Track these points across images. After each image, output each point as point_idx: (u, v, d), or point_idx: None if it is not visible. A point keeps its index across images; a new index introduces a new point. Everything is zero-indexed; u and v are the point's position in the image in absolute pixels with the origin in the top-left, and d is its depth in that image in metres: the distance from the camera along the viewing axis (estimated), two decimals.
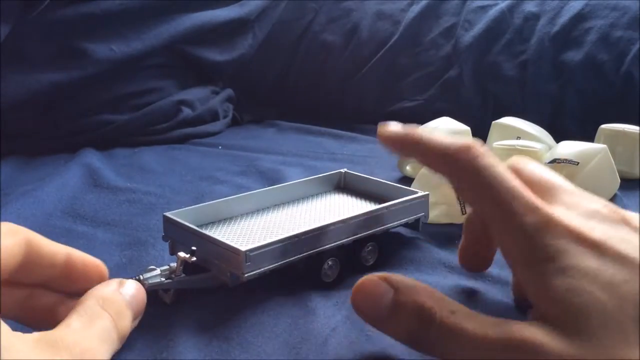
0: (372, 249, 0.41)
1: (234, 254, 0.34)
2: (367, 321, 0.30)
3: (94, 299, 0.28)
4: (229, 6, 0.90)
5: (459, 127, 0.65)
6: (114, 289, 0.30)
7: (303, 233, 0.37)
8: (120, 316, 0.28)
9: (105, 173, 0.64)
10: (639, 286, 0.26)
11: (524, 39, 0.86)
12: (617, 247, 0.27)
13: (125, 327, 0.29)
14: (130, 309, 0.29)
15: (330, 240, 0.38)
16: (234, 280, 0.35)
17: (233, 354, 0.31)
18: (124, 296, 0.30)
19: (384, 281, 0.29)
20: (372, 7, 0.99)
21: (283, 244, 0.36)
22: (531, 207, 0.29)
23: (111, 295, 0.29)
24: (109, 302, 0.28)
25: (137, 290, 0.31)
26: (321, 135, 0.85)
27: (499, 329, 0.26)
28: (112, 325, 0.27)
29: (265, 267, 0.35)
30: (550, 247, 0.28)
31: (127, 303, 0.29)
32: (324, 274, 0.38)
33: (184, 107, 0.83)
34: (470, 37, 0.89)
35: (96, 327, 0.27)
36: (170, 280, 0.34)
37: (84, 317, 0.27)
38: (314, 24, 1.01)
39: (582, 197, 0.31)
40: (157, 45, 0.79)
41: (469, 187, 0.31)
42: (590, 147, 0.54)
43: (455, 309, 0.28)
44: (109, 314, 0.28)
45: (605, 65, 0.79)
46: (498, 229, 0.30)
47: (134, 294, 0.30)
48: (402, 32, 0.94)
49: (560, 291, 0.26)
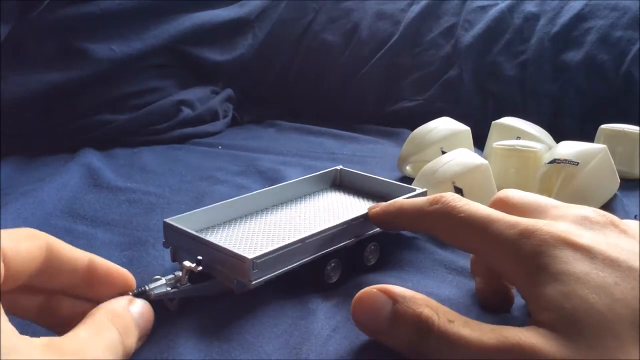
0: (374, 249, 0.41)
1: (240, 261, 0.34)
2: (367, 333, 0.31)
3: (103, 312, 0.29)
4: (229, 6, 0.90)
5: (458, 127, 0.65)
6: (124, 305, 0.30)
7: (308, 237, 0.37)
8: (127, 333, 0.29)
9: (105, 173, 0.64)
10: (629, 288, 0.26)
11: (524, 39, 0.86)
12: (606, 251, 0.28)
13: (131, 344, 0.29)
14: (137, 328, 0.30)
15: (334, 243, 0.38)
16: (240, 288, 0.35)
17: (234, 354, 0.31)
18: (133, 314, 0.30)
19: (383, 293, 0.30)
20: (372, 7, 0.99)
21: (289, 249, 0.36)
22: (510, 224, 0.30)
23: (120, 311, 0.29)
24: (118, 318, 0.29)
25: (145, 309, 0.31)
26: (321, 135, 0.85)
27: (495, 335, 0.27)
28: (119, 340, 0.28)
29: (272, 274, 0.35)
30: (539, 255, 0.28)
31: (134, 321, 0.30)
32: (326, 275, 0.38)
33: (184, 107, 0.83)
34: (470, 37, 0.89)
35: (103, 339, 0.27)
36: (176, 289, 0.34)
37: (93, 328, 0.27)
38: (314, 24, 1.01)
39: (570, 207, 0.32)
40: (157, 45, 0.79)
41: (450, 230, 0.33)
42: (590, 147, 0.54)
43: (452, 317, 0.28)
44: (117, 329, 0.28)
45: (605, 65, 0.79)
46: (488, 255, 0.31)
47: (142, 313, 0.31)
48: (402, 32, 0.94)
49: (552, 297, 0.27)
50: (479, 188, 0.51)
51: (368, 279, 0.39)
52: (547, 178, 0.53)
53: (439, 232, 0.34)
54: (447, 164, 0.52)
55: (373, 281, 0.38)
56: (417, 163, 0.62)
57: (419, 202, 0.35)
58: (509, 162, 0.59)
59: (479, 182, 0.51)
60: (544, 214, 0.32)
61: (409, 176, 0.63)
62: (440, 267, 0.42)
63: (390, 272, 0.41)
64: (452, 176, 0.50)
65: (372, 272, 0.41)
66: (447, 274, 0.41)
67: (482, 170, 0.51)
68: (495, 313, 0.36)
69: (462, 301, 0.37)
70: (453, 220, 0.32)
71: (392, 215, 0.37)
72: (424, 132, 0.65)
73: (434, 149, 0.62)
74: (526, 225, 0.30)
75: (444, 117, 0.67)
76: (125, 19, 0.77)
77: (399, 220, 0.37)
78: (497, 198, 0.36)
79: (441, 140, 0.63)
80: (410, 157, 0.64)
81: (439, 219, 0.33)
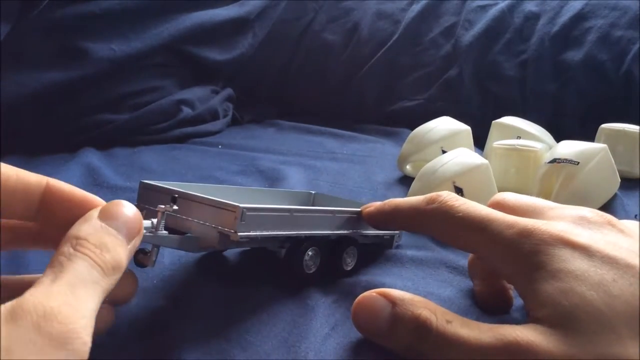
0: (353, 253, 0.40)
1: (228, 211, 0.32)
2: (368, 337, 0.31)
3: (67, 243, 0.25)
4: (229, 5, 0.89)
5: (459, 126, 0.65)
6: (91, 222, 0.26)
7: (296, 209, 0.36)
8: (104, 248, 0.25)
9: (105, 172, 0.64)
10: (627, 285, 0.26)
11: (524, 39, 0.86)
12: (604, 249, 0.28)
13: (114, 258, 0.25)
14: (115, 236, 0.26)
15: (318, 227, 0.38)
16: (222, 242, 0.33)
17: (232, 353, 0.31)
18: (106, 224, 0.26)
19: (382, 296, 0.30)
20: (372, 6, 0.99)
21: (277, 214, 0.35)
22: (508, 223, 0.30)
23: (87, 230, 0.25)
24: (85, 240, 0.25)
25: (121, 210, 0.27)
26: (321, 134, 0.85)
27: (492, 333, 0.27)
28: (91, 265, 0.24)
29: (258, 232, 0.33)
30: (537, 253, 0.29)
31: (110, 231, 0.26)
32: (305, 264, 0.37)
33: (184, 107, 0.83)
34: (470, 37, 0.89)
35: (67, 276, 0.23)
36: (151, 235, 0.31)
37: (56, 268, 0.23)
38: (314, 23, 1.01)
39: (567, 208, 0.32)
40: (157, 44, 0.79)
41: (447, 229, 0.33)
42: (591, 147, 0.54)
43: (451, 318, 0.28)
44: (85, 254, 0.24)
45: (605, 64, 0.79)
46: (486, 255, 0.31)
47: (119, 216, 0.27)
48: (402, 31, 0.94)
49: (550, 294, 0.27)
50: (479, 188, 0.51)
51: (368, 278, 0.39)
52: (548, 178, 0.53)
53: (436, 232, 0.34)
54: (447, 163, 0.52)
55: (373, 280, 0.39)
56: (417, 162, 0.62)
57: (415, 201, 0.34)
58: (509, 162, 0.59)
59: (479, 182, 0.51)
60: (542, 215, 0.32)
61: (409, 176, 0.63)
62: (442, 267, 0.42)
63: (390, 271, 0.41)
64: (452, 176, 0.50)
65: (372, 271, 0.41)
66: (448, 273, 0.41)
67: (482, 170, 0.51)
68: (495, 314, 0.36)
69: (462, 302, 0.37)
70: (451, 219, 0.32)
71: (387, 215, 0.37)
72: (424, 131, 0.65)
73: (434, 148, 0.62)
74: (525, 224, 0.30)
75: (444, 117, 0.67)
76: (126, 18, 0.77)
77: (394, 219, 0.37)
78: (494, 201, 0.36)
79: (441, 140, 0.63)
80: (410, 157, 0.64)
81: (436, 219, 0.33)
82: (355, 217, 0.40)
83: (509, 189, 0.58)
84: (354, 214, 0.40)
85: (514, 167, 0.59)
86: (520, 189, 0.58)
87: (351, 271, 0.40)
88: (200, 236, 0.34)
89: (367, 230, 0.41)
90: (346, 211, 0.39)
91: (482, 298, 0.37)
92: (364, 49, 0.96)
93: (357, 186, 0.62)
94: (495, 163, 0.58)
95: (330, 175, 0.65)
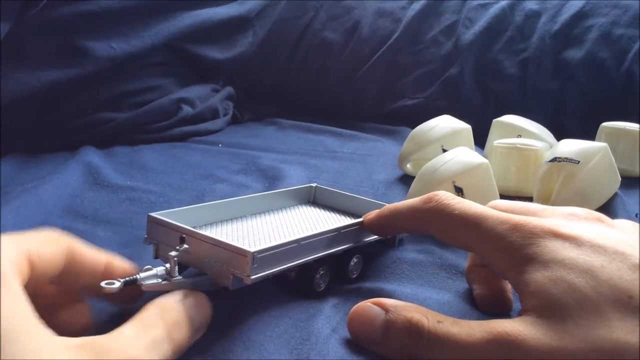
0: (358, 262, 0.41)
1: (240, 255, 0.33)
2: (364, 345, 0.32)
3: (153, 308, 0.28)
4: (229, 4, 0.89)
5: (459, 125, 0.65)
6: (176, 299, 0.30)
7: (303, 238, 0.37)
8: (177, 327, 0.28)
9: (105, 171, 0.64)
10: (615, 269, 0.27)
11: (524, 37, 0.86)
12: (594, 239, 0.29)
13: (182, 338, 0.28)
14: (189, 321, 0.29)
15: (326, 248, 0.38)
16: (236, 283, 0.34)
17: (235, 352, 0.31)
18: (185, 306, 0.29)
19: (376, 305, 0.31)
20: (372, 5, 0.99)
21: (287, 248, 0.36)
22: (502, 220, 0.31)
23: (171, 305, 0.29)
24: (168, 312, 0.28)
25: (200, 300, 0.31)
26: (322, 133, 0.85)
27: (482, 328, 0.28)
28: (165, 336, 0.27)
29: (269, 271, 0.35)
30: (528, 246, 0.29)
31: (186, 314, 0.29)
32: (316, 283, 0.38)
33: (184, 105, 0.83)
34: (471, 35, 0.89)
35: (147, 337, 0.26)
36: (167, 282, 0.33)
37: (139, 326, 0.27)
38: (315, 22, 1.01)
39: (558, 208, 0.34)
40: (157, 43, 0.79)
41: (443, 227, 0.34)
42: (591, 145, 0.54)
43: (442, 319, 0.29)
44: (165, 324, 0.27)
45: (606, 63, 0.79)
46: (481, 251, 0.32)
47: (196, 305, 0.30)
48: (403, 30, 0.94)
49: (540, 283, 0.28)
50: (479, 187, 0.50)
51: (368, 285, 0.39)
52: (548, 176, 0.53)
53: (433, 230, 0.35)
54: (448, 162, 0.52)
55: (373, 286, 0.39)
56: (418, 161, 0.62)
57: (413, 202, 0.35)
58: (509, 161, 0.59)
59: (479, 181, 0.51)
60: (534, 214, 0.33)
61: (410, 174, 0.63)
62: (441, 272, 0.42)
63: (390, 277, 0.41)
64: (452, 175, 0.50)
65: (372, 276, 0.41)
66: (447, 278, 0.41)
67: (482, 169, 0.51)
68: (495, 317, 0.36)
69: (461, 305, 0.37)
70: (447, 217, 0.33)
71: (386, 218, 0.38)
72: (424, 130, 0.65)
73: (434, 147, 0.62)
74: (517, 220, 0.31)
75: (445, 115, 0.67)
76: (126, 17, 0.77)
77: (393, 222, 0.37)
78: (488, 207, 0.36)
79: (442, 139, 0.63)
80: (410, 155, 0.64)
81: (434, 217, 0.34)
82: (358, 227, 0.40)
83: (509, 188, 0.58)
84: (356, 225, 0.40)
85: (515, 165, 0.59)
86: (521, 187, 0.58)
87: (355, 277, 0.41)
88: (213, 275, 0.35)
89: (369, 238, 0.41)
90: (350, 225, 0.40)
91: (482, 301, 0.37)
92: (365, 48, 0.96)
93: (357, 185, 0.61)
94: (495, 162, 0.58)
95: (330, 174, 0.65)
